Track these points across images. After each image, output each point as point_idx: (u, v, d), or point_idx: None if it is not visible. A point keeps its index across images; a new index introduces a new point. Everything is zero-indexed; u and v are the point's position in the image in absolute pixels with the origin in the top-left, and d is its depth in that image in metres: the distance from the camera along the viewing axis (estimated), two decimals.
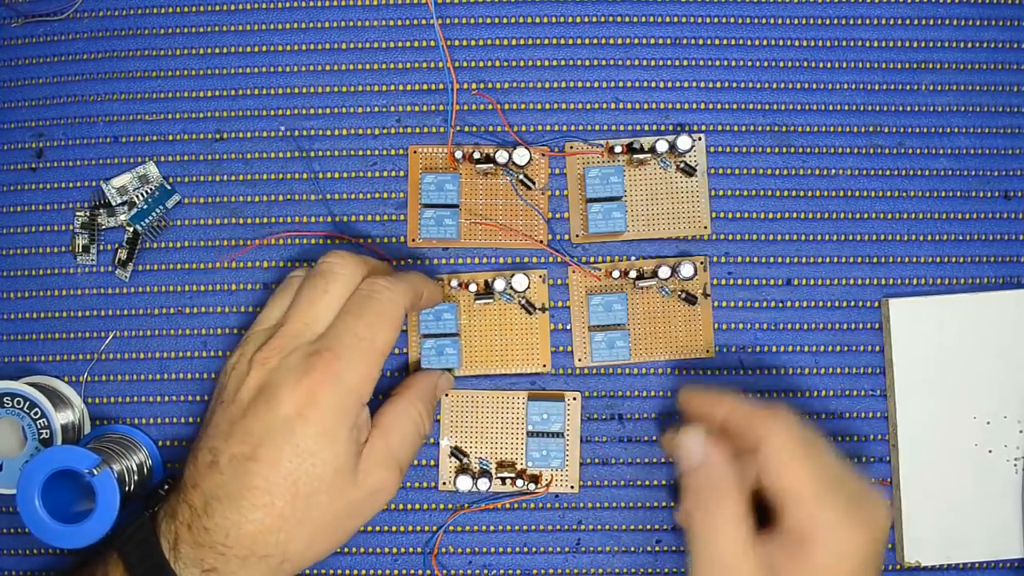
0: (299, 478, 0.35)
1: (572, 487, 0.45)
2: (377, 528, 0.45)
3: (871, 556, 0.34)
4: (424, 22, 0.47)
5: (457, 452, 0.45)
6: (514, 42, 0.47)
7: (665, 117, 0.46)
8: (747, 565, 0.33)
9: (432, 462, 0.45)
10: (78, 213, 0.46)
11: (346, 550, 0.45)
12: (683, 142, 0.44)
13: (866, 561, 0.33)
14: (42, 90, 0.47)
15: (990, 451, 0.44)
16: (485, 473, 0.44)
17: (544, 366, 0.45)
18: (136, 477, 0.43)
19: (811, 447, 0.35)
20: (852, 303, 0.46)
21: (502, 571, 0.45)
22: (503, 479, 0.44)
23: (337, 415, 0.35)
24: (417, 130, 0.47)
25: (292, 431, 0.35)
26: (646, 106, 0.46)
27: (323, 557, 0.38)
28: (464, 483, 0.44)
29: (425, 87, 0.47)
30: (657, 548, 0.45)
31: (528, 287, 0.44)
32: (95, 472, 0.40)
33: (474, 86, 0.47)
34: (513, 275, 0.44)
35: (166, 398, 0.46)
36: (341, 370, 0.36)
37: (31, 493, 0.40)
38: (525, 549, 0.45)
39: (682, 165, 0.45)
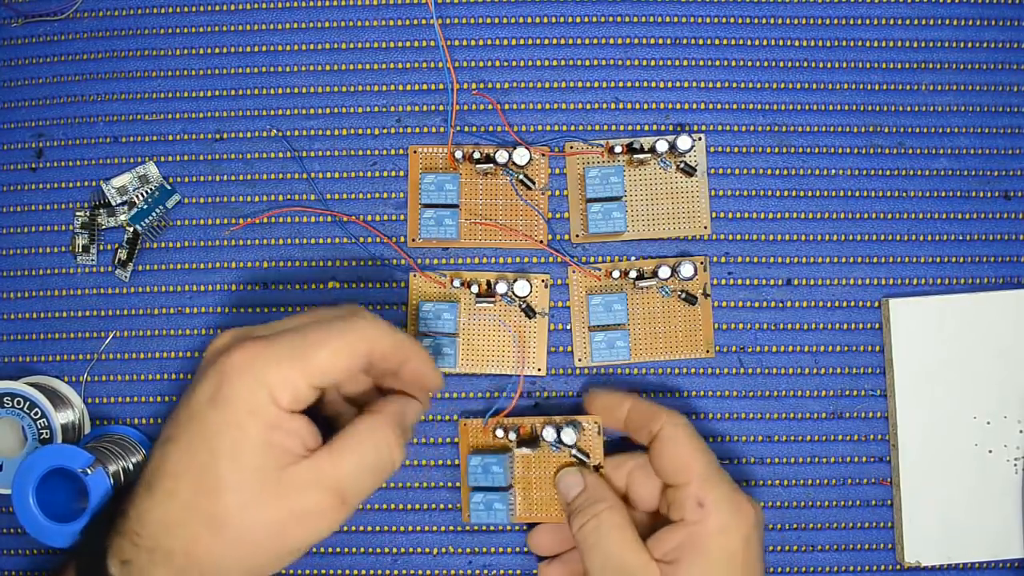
0: (205, 468, 0.32)
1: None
2: (377, 529, 0.45)
3: (753, 539, 0.37)
4: (424, 22, 0.47)
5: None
6: (514, 42, 0.47)
7: (665, 117, 0.46)
8: (638, 561, 0.36)
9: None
10: (78, 213, 0.46)
11: (346, 550, 0.45)
12: (683, 142, 0.44)
13: (748, 540, 0.36)
14: (42, 90, 0.47)
15: (990, 451, 0.44)
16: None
17: (539, 370, 0.45)
18: (133, 478, 0.43)
19: (700, 439, 0.39)
20: (852, 303, 0.46)
21: (502, 571, 0.45)
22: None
23: (246, 407, 0.32)
24: (417, 130, 0.47)
25: (204, 417, 0.32)
26: (646, 106, 0.46)
27: None
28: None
29: (425, 87, 0.47)
30: None
31: (530, 292, 0.44)
32: (88, 471, 0.40)
33: (474, 86, 0.47)
34: (516, 279, 0.44)
35: (166, 398, 0.46)
36: (260, 360, 0.32)
37: (25, 491, 0.40)
38: (525, 549, 0.45)
39: (682, 165, 0.45)
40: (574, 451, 0.40)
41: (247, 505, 0.31)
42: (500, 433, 0.42)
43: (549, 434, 0.41)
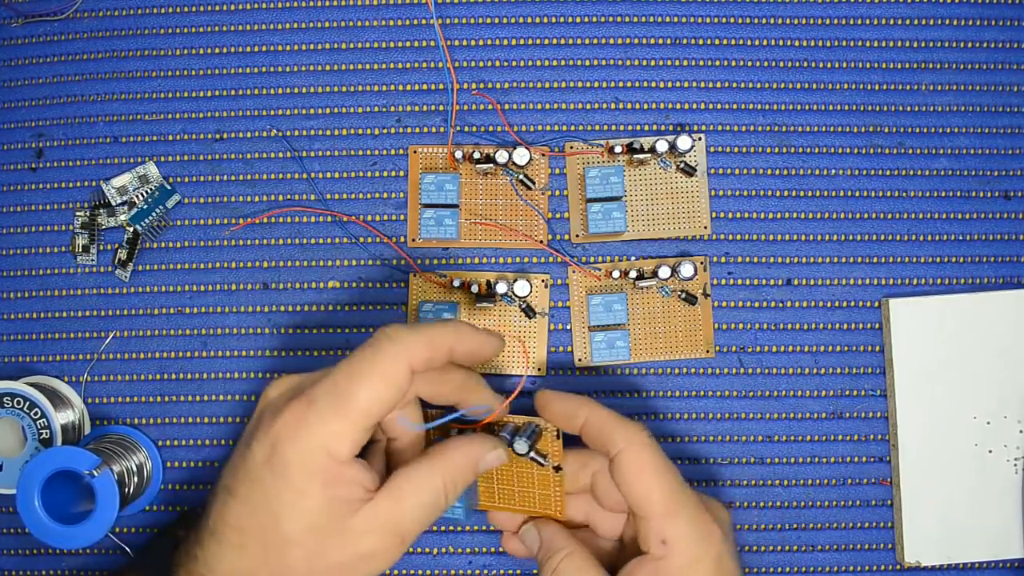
0: (268, 528, 0.32)
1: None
2: None
3: (725, 554, 0.35)
4: (424, 22, 0.47)
5: None
6: (514, 42, 0.47)
7: (665, 117, 0.46)
8: None
9: None
10: (78, 213, 0.46)
11: None
12: (683, 142, 0.44)
13: (720, 559, 0.35)
14: (42, 90, 0.47)
15: (990, 451, 0.44)
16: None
17: (539, 370, 0.45)
18: (136, 478, 0.43)
19: (661, 461, 0.36)
20: (852, 303, 0.46)
21: (502, 571, 0.45)
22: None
23: (303, 471, 0.32)
24: (417, 130, 0.47)
25: (262, 478, 0.32)
26: (646, 106, 0.46)
27: None
28: None
29: (425, 87, 0.47)
30: None
31: (530, 292, 0.44)
32: (95, 473, 0.41)
33: (474, 86, 0.47)
34: (516, 279, 0.44)
35: (166, 398, 0.46)
36: (310, 421, 0.32)
37: (31, 493, 0.40)
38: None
39: (682, 165, 0.45)
40: (530, 456, 0.38)
41: (314, 556, 0.32)
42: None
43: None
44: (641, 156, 0.45)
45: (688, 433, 0.45)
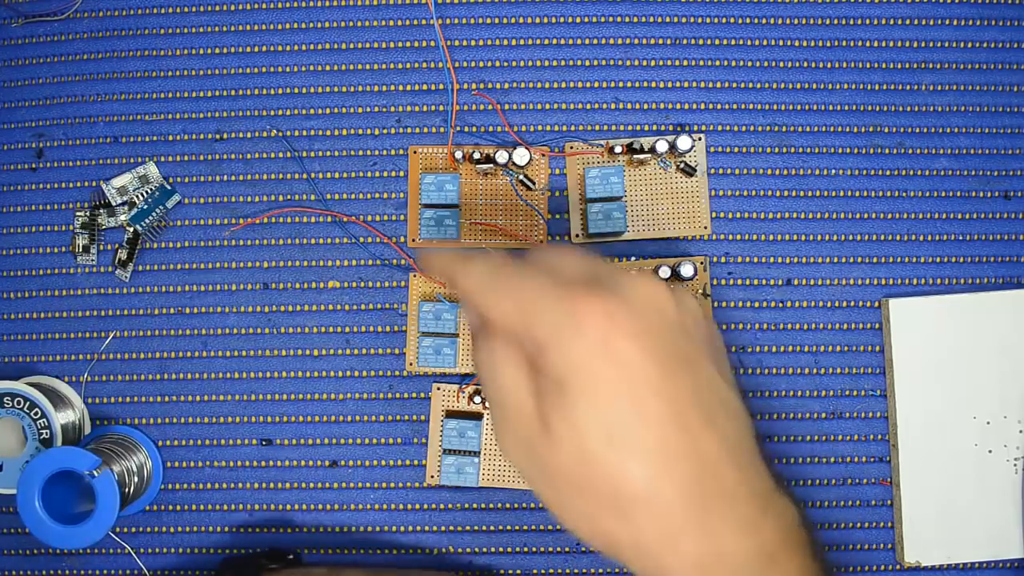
0: None
1: None
2: (376, 529, 0.45)
3: (619, 328, 0.25)
4: (424, 22, 0.47)
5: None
6: (514, 42, 0.47)
7: (665, 117, 0.46)
8: (522, 393, 0.27)
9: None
10: (78, 213, 0.46)
11: (346, 550, 0.45)
12: (683, 142, 0.44)
13: (607, 338, 0.25)
14: (42, 90, 0.47)
15: (990, 451, 0.44)
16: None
17: None
18: (136, 478, 0.43)
19: (503, 269, 0.28)
20: (852, 303, 0.46)
21: (502, 571, 0.45)
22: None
23: None
24: (417, 130, 0.47)
25: None
26: (646, 106, 0.46)
27: None
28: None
29: (425, 87, 0.47)
30: None
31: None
32: (95, 474, 0.41)
33: (474, 86, 0.47)
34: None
35: (166, 398, 0.46)
36: None
37: (31, 494, 0.40)
38: (525, 549, 0.45)
39: (682, 165, 0.45)
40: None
41: None
42: (477, 400, 0.45)
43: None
44: (641, 156, 0.45)
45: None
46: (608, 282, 0.27)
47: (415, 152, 0.46)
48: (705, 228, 0.46)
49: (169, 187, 0.47)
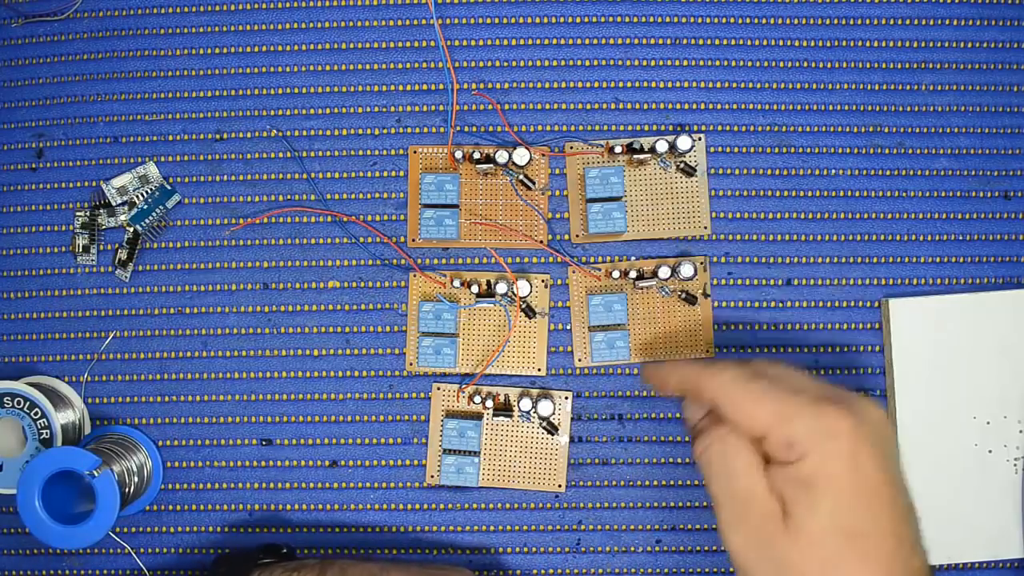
0: None
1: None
2: (376, 529, 0.46)
3: (862, 452, 0.30)
4: (424, 22, 0.47)
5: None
6: (514, 42, 0.47)
7: (665, 117, 0.46)
8: (763, 490, 0.32)
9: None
10: (78, 213, 0.46)
11: (346, 550, 0.45)
12: (683, 142, 0.44)
13: (853, 456, 0.30)
14: (42, 90, 0.47)
15: (990, 451, 0.44)
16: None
17: (539, 370, 0.45)
18: (136, 478, 0.43)
19: (755, 385, 0.33)
20: (852, 303, 0.46)
21: (502, 571, 0.45)
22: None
23: None
24: (417, 130, 0.47)
25: None
26: (646, 106, 0.46)
27: None
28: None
29: (425, 87, 0.47)
30: (657, 548, 0.45)
31: (530, 292, 0.44)
32: (95, 474, 0.41)
33: (474, 86, 0.47)
34: (516, 279, 0.44)
35: (166, 398, 0.46)
36: None
37: (31, 494, 0.40)
38: (525, 549, 0.45)
39: (682, 165, 0.45)
40: (544, 424, 0.44)
41: None
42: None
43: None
44: (641, 156, 0.45)
45: (688, 433, 0.45)
46: (847, 400, 0.32)
47: (415, 152, 0.46)
48: (705, 228, 0.46)
49: (169, 187, 0.47)
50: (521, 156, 0.44)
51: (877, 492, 0.30)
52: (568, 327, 0.46)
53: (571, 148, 0.46)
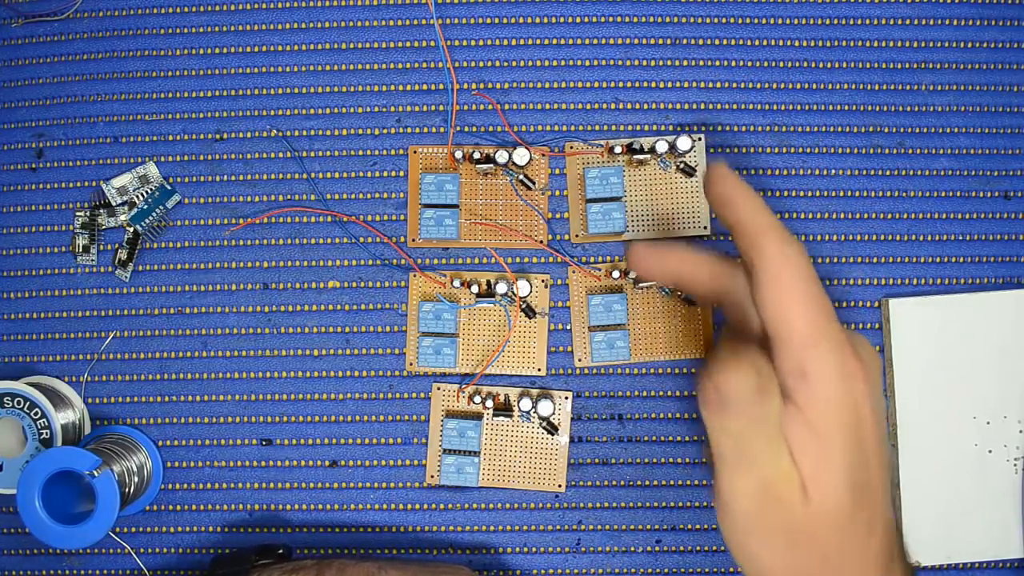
0: None
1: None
2: (376, 529, 0.46)
3: (860, 401, 0.29)
4: (424, 22, 0.47)
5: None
6: (514, 42, 0.47)
7: (665, 117, 0.46)
8: (786, 461, 0.29)
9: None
10: (78, 213, 0.46)
11: (345, 550, 0.45)
12: (683, 142, 0.44)
13: (855, 407, 0.29)
14: (42, 90, 0.47)
15: (990, 451, 0.44)
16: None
17: (539, 370, 0.45)
18: (136, 478, 0.44)
19: (813, 283, 0.29)
20: (852, 303, 0.46)
21: (502, 571, 0.45)
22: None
23: None
24: (417, 130, 0.47)
25: None
26: (646, 106, 0.46)
27: None
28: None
29: (425, 87, 0.47)
30: (657, 548, 0.45)
31: (530, 292, 0.44)
32: (95, 474, 0.41)
33: (474, 86, 0.47)
34: (516, 279, 0.44)
35: (166, 398, 0.46)
36: None
37: (31, 494, 0.40)
38: (525, 549, 0.45)
39: (682, 165, 0.45)
40: (544, 424, 0.44)
41: None
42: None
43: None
44: (641, 156, 0.45)
45: (688, 433, 0.45)
46: (855, 342, 0.30)
47: (415, 152, 0.46)
48: (705, 228, 0.46)
49: (169, 187, 0.47)
50: (521, 156, 0.44)
51: (879, 442, 0.30)
52: (568, 327, 0.46)
53: (571, 148, 0.46)
